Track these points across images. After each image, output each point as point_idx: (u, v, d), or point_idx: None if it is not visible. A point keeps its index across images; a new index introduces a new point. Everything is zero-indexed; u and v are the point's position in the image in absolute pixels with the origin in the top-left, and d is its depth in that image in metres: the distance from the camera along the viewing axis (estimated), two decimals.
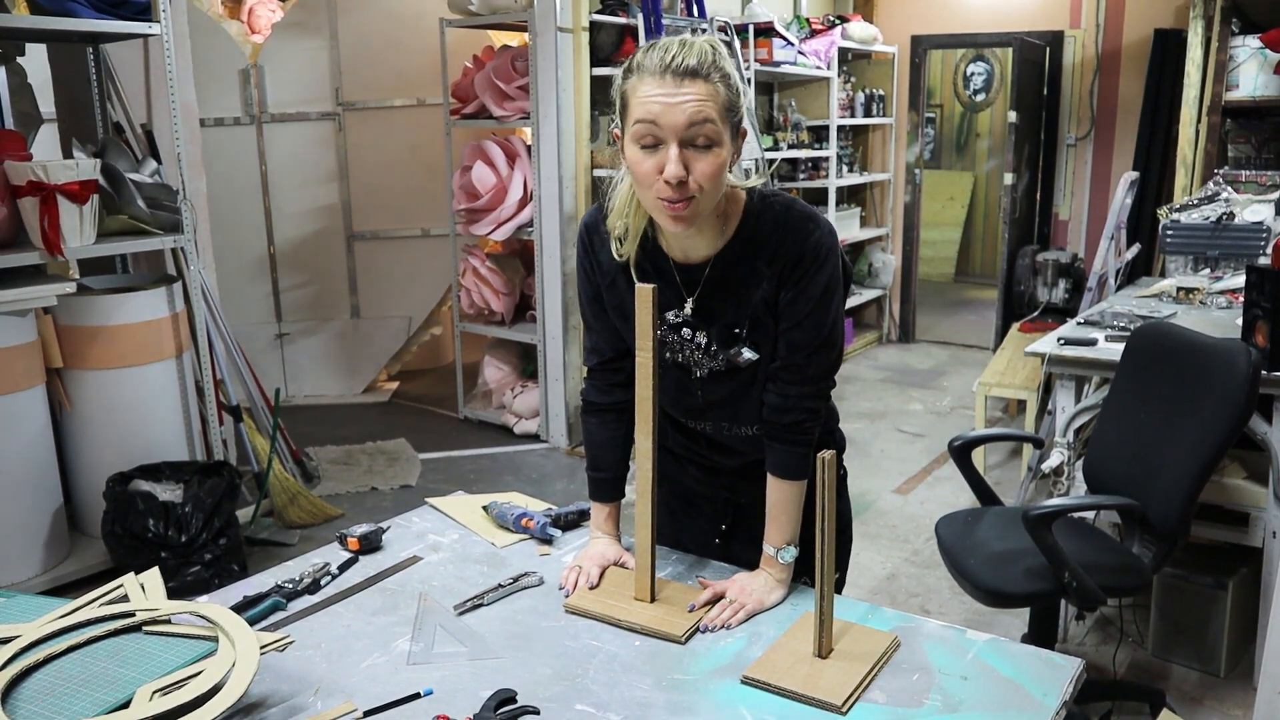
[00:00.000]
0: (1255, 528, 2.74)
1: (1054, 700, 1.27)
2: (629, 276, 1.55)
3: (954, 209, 9.50)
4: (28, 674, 1.25)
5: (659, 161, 1.37)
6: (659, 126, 1.35)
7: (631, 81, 1.39)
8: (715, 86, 1.36)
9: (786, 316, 1.51)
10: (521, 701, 1.26)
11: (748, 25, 5.61)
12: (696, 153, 1.36)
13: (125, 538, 3.20)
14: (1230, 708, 2.72)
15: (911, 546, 3.78)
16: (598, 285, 1.62)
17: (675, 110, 1.34)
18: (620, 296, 1.59)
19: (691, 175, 1.36)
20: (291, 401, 5.67)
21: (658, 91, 1.35)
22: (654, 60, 1.36)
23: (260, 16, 6.14)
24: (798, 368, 1.53)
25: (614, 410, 1.69)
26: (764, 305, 1.51)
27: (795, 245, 1.48)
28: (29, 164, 3.13)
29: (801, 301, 1.49)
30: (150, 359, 3.51)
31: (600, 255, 1.59)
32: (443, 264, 5.69)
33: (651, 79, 1.36)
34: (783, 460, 1.55)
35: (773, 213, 1.50)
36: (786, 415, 1.54)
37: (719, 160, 1.38)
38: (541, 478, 4.55)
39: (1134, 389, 2.56)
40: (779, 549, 1.55)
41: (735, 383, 1.58)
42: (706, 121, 1.35)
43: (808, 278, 1.48)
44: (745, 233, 1.50)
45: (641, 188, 1.42)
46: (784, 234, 1.48)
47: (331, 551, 1.73)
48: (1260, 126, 4.72)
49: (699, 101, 1.34)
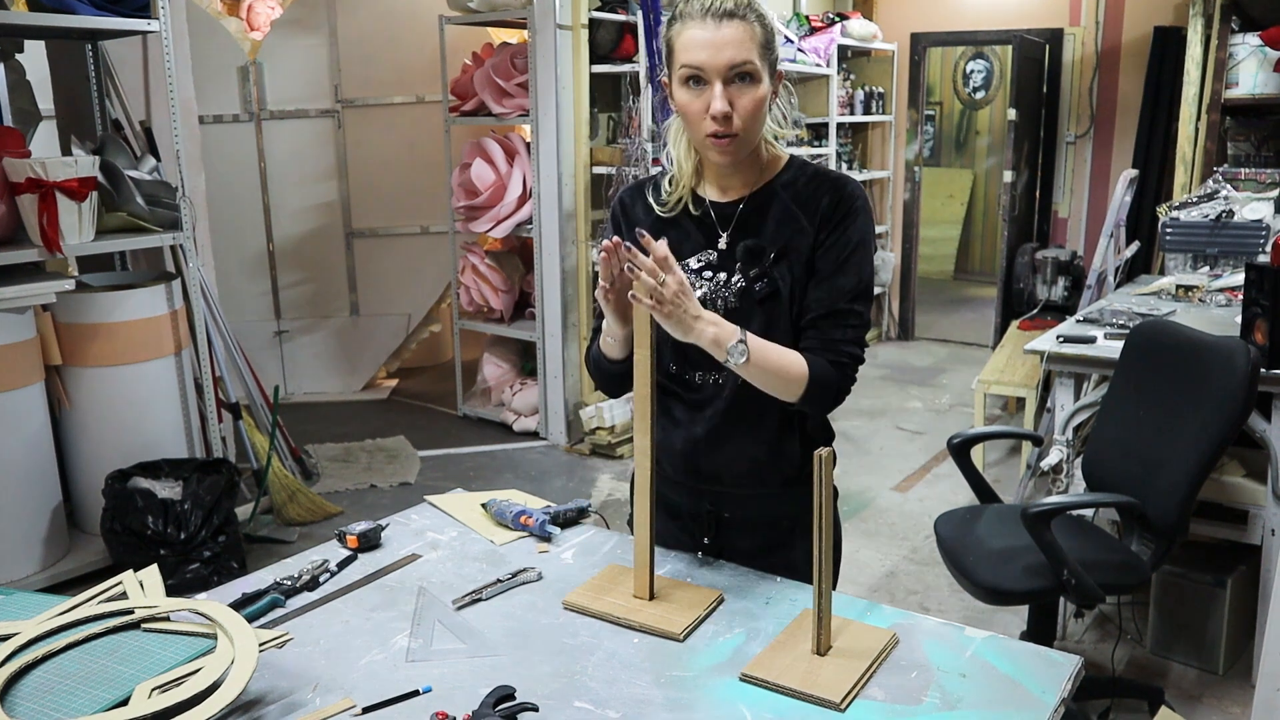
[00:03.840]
0: (1254, 525, 2.74)
1: (1052, 698, 1.27)
2: (660, 228, 1.60)
3: (953, 206, 9.49)
4: (26, 671, 1.25)
5: (705, 100, 1.46)
6: (703, 68, 1.45)
7: (675, 28, 1.49)
8: (752, 26, 1.46)
9: (826, 261, 1.55)
10: (520, 698, 1.26)
11: None
12: (739, 89, 1.46)
13: (124, 535, 3.20)
14: (1229, 705, 2.72)
15: (910, 544, 3.78)
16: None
17: (717, 50, 1.44)
18: None
19: (735, 111, 1.46)
20: (290, 399, 5.68)
21: (700, 34, 1.45)
22: (695, 6, 1.47)
23: (259, 13, 6.14)
24: (840, 315, 1.54)
25: (621, 376, 1.65)
26: (795, 241, 1.55)
27: (834, 192, 1.56)
28: (28, 161, 3.13)
29: (841, 244, 1.54)
30: (149, 356, 3.51)
31: (633, 211, 1.67)
32: (442, 261, 5.69)
33: (693, 23, 1.46)
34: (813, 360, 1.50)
35: (813, 169, 1.61)
36: (828, 353, 1.52)
37: (760, 95, 1.48)
38: (540, 475, 4.55)
39: (1133, 387, 2.57)
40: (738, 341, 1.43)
41: (752, 321, 1.55)
42: (746, 60, 1.45)
43: (848, 221, 1.55)
44: (784, 178, 1.59)
45: (690, 126, 1.52)
46: (822, 182, 1.57)
47: (330, 549, 1.73)
48: (1260, 124, 4.72)
49: (738, 40, 1.45)
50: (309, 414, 5.43)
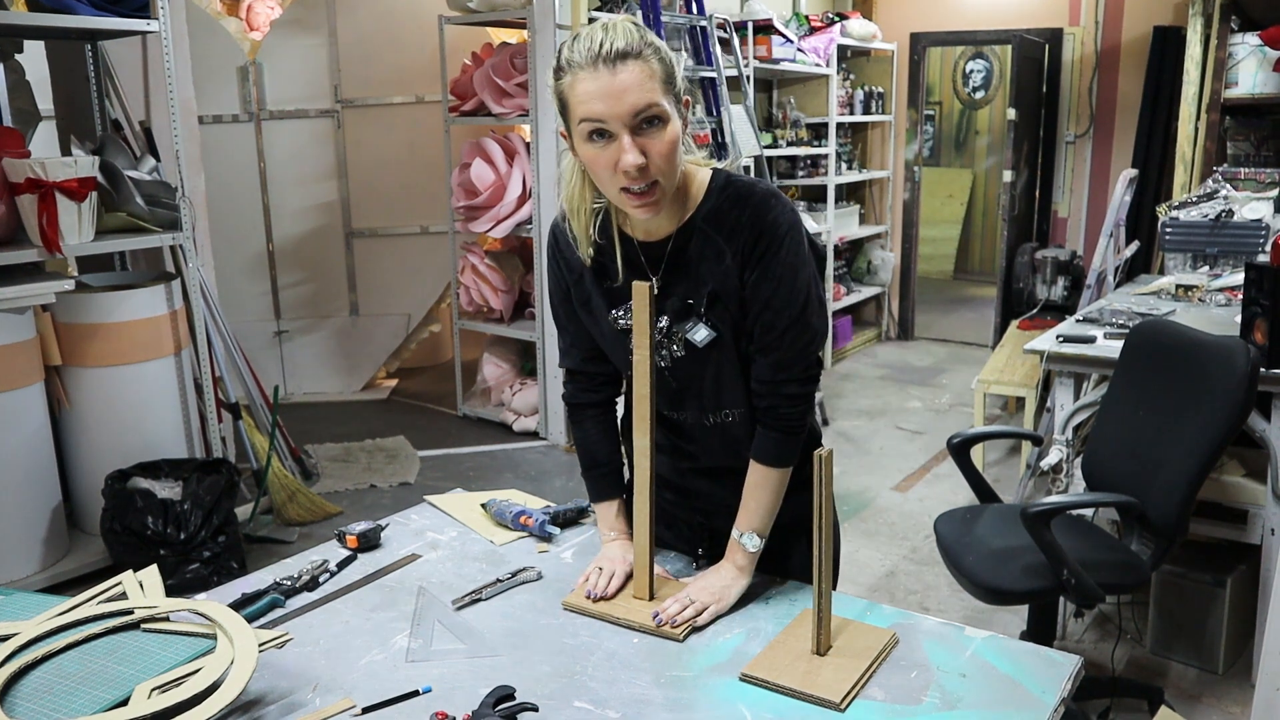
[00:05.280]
0: (1254, 525, 2.74)
1: (1052, 697, 1.27)
2: (594, 270, 1.54)
3: (953, 206, 9.49)
4: (26, 671, 1.25)
5: (613, 154, 1.34)
6: (605, 119, 1.32)
7: (566, 80, 1.35)
8: (650, 63, 1.33)
9: (755, 298, 1.47)
10: (520, 698, 1.26)
11: (747, 22, 5.61)
12: (649, 135, 1.34)
13: (124, 535, 3.20)
14: (1228, 705, 2.72)
15: (910, 544, 3.78)
16: (567, 283, 1.59)
17: (617, 99, 1.31)
18: (587, 292, 1.57)
19: (649, 158, 1.34)
20: (290, 399, 5.68)
21: (594, 84, 1.32)
22: (582, 52, 1.33)
23: (259, 13, 6.14)
24: (771, 349, 1.49)
25: (602, 406, 1.69)
26: (724, 283, 1.47)
27: (755, 221, 1.45)
28: (27, 161, 3.13)
29: (767, 281, 1.46)
30: (149, 356, 3.51)
31: (566, 252, 1.57)
32: (441, 261, 5.69)
33: (585, 73, 1.32)
34: (760, 444, 1.54)
35: (735, 189, 1.47)
36: (764, 400, 1.53)
37: (672, 136, 1.36)
38: (540, 475, 4.55)
39: (1133, 386, 2.57)
40: (744, 534, 1.53)
41: (705, 366, 1.53)
42: (651, 102, 1.32)
43: (770, 254, 1.45)
44: (707, 208, 1.47)
45: (602, 183, 1.40)
46: (743, 210, 1.45)
47: (330, 549, 1.73)
48: (1259, 124, 4.72)
49: (638, 83, 1.31)
50: (309, 414, 5.43)
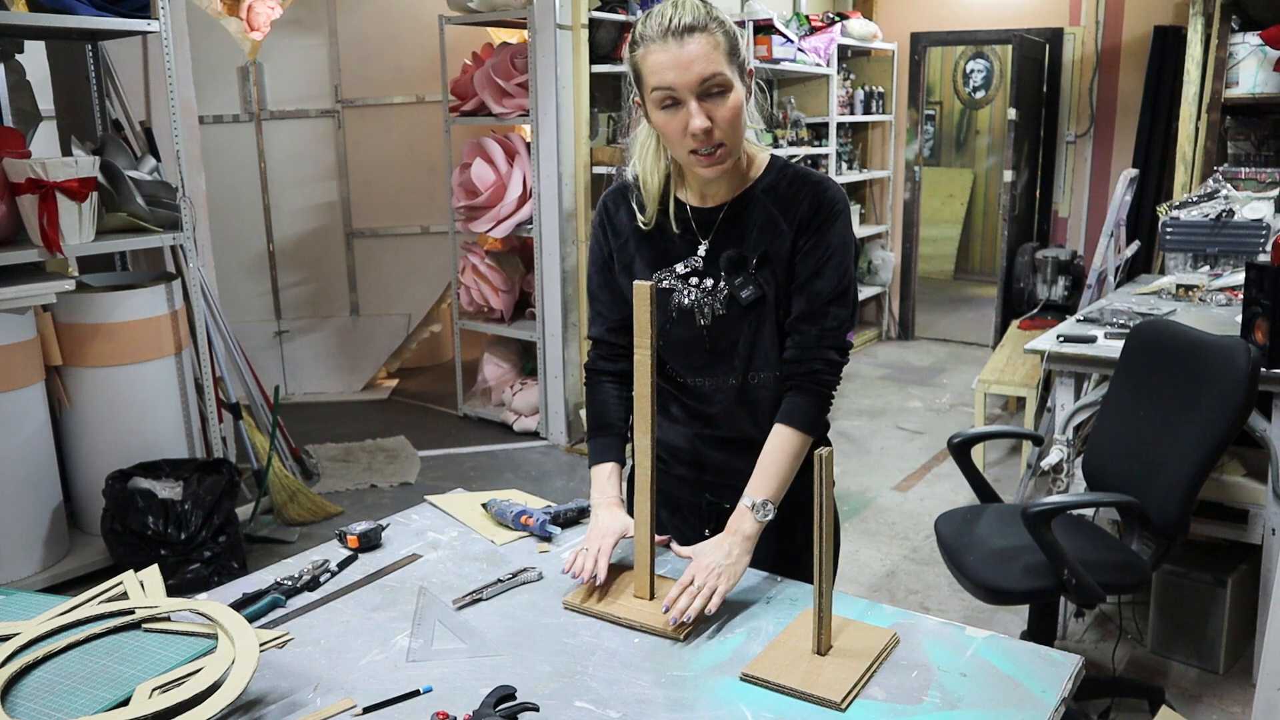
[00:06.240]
0: (1254, 525, 2.74)
1: (1053, 697, 1.27)
2: (644, 235, 1.63)
3: (953, 206, 9.49)
4: (27, 671, 1.25)
5: (682, 119, 1.46)
6: (674, 88, 1.44)
7: (639, 52, 1.48)
8: (715, 35, 1.45)
9: (805, 265, 1.56)
10: (521, 698, 1.26)
11: (747, 22, 5.60)
12: (713, 102, 1.46)
13: (125, 535, 3.20)
14: (1229, 705, 2.72)
15: (911, 543, 3.79)
16: (610, 249, 1.69)
17: (685, 68, 1.43)
18: (630, 256, 1.66)
19: (715, 124, 1.46)
20: (291, 399, 5.68)
21: (665, 55, 1.44)
22: (654, 27, 1.45)
23: (259, 13, 6.14)
24: (816, 316, 1.56)
25: (620, 376, 1.71)
26: (776, 247, 1.57)
27: (814, 196, 1.56)
28: (28, 161, 3.13)
29: (820, 249, 1.55)
30: (149, 356, 3.51)
31: (617, 217, 1.68)
32: (442, 261, 5.69)
33: (656, 45, 1.45)
34: (791, 407, 1.57)
35: (794, 170, 1.60)
36: (804, 365, 1.57)
37: (736, 104, 1.47)
38: (541, 475, 4.55)
39: (1133, 386, 2.57)
40: (757, 502, 1.53)
41: (742, 326, 1.60)
42: (716, 72, 1.44)
43: (826, 226, 1.55)
44: (765, 182, 1.59)
45: (672, 146, 1.53)
46: (802, 186, 1.57)
47: (331, 549, 1.73)
48: (1260, 124, 4.72)
49: (704, 54, 1.43)
50: (309, 414, 5.43)
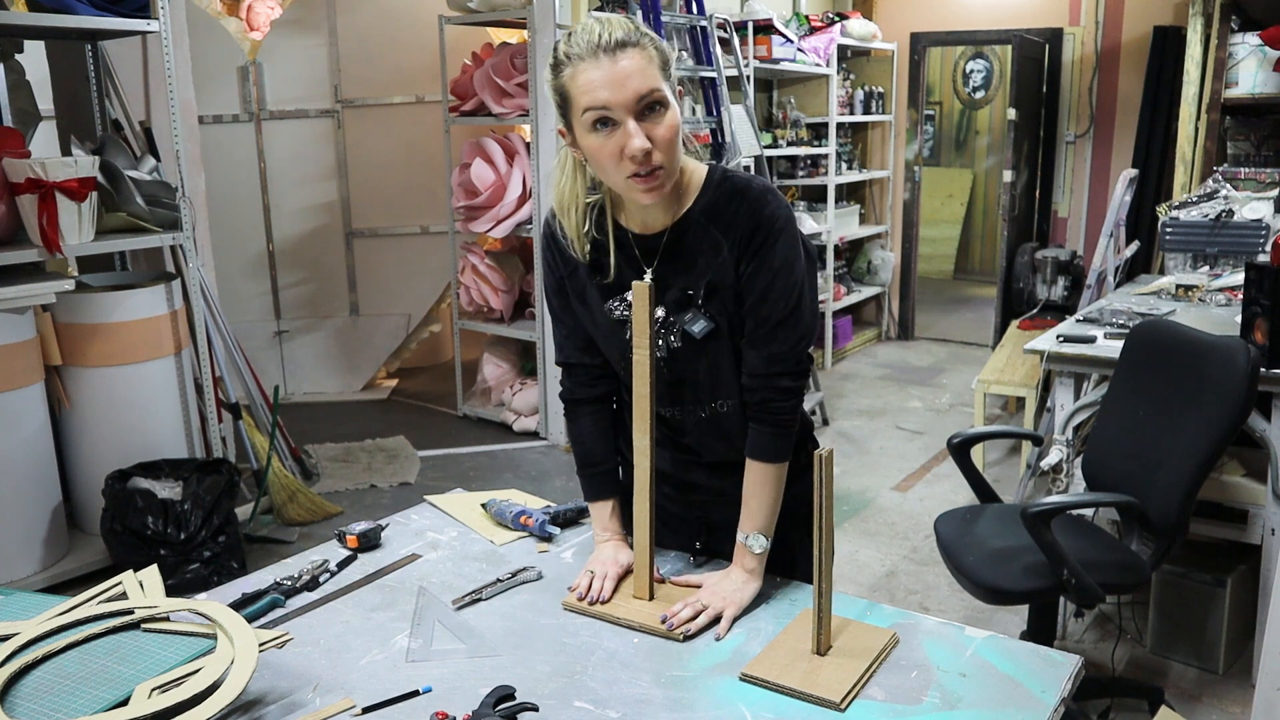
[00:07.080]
0: (1254, 525, 2.74)
1: (1052, 697, 1.27)
2: (590, 263, 1.55)
3: (953, 206, 9.49)
4: (26, 671, 1.25)
5: (618, 141, 1.36)
6: (609, 106, 1.35)
7: (566, 74, 1.38)
8: (648, 50, 1.37)
9: (750, 290, 1.49)
10: (520, 698, 1.26)
11: (747, 22, 5.61)
12: (652, 121, 1.37)
13: (124, 535, 3.20)
14: (1229, 705, 2.72)
15: (910, 544, 3.78)
16: (561, 275, 1.60)
17: (620, 85, 1.34)
18: (582, 284, 1.58)
19: (654, 144, 1.37)
20: (290, 399, 5.68)
21: (597, 73, 1.35)
22: (582, 44, 1.36)
23: (259, 13, 6.13)
24: (764, 341, 1.51)
25: (600, 401, 1.68)
26: (721, 274, 1.49)
27: (751, 214, 1.47)
28: (27, 161, 3.13)
29: (763, 272, 1.48)
30: (149, 356, 3.51)
31: (562, 244, 1.58)
32: (442, 261, 5.69)
33: (587, 63, 1.36)
34: (754, 440, 1.54)
35: (731, 184, 1.50)
36: (756, 394, 1.53)
37: (673, 121, 1.39)
38: (540, 475, 4.55)
39: (1133, 386, 2.57)
40: (749, 536, 1.53)
41: (701, 357, 1.54)
42: (653, 87, 1.36)
43: (767, 247, 1.47)
44: (704, 201, 1.50)
45: (606, 172, 1.42)
46: (740, 203, 1.48)
47: (330, 549, 1.73)
48: (1259, 124, 4.72)
49: (639, 69, 1.35)
50: (309, 414, 5.43)
